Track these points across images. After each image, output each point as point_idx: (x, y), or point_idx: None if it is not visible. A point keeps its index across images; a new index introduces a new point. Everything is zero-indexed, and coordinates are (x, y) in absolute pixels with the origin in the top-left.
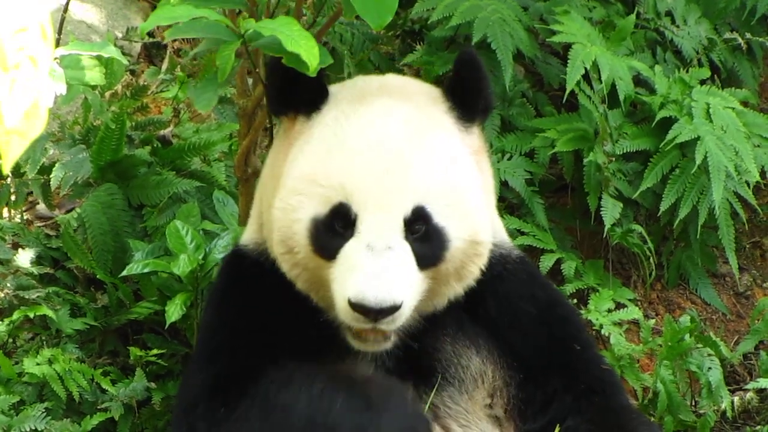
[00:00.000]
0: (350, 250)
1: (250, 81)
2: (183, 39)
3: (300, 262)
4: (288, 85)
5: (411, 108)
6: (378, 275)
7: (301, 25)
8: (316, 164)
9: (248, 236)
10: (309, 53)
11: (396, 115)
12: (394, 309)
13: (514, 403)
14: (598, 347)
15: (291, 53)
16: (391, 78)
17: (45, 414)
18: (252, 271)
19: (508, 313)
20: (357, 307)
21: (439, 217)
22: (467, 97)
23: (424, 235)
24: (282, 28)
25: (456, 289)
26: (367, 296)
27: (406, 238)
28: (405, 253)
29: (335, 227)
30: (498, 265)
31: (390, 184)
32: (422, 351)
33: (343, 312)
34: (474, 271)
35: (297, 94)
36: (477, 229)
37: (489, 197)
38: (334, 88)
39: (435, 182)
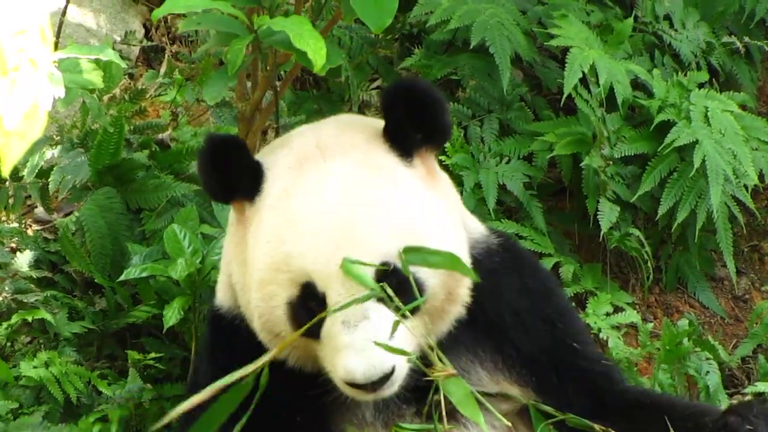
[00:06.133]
0: (328, 329)
1: (249, 84)
2: (181, 42)
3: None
4: (223, 175)
5: (350, 166)
6: (359, 351)
7: None
8: (273, 252)
9: (222, 299)
10: (316, 52)
11: (335, 181)
12: (386, 378)
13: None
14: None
15: (298, 50)
16: (328, 128)
17: (42, 418)
18: (230, 332)
19: (506, 311)
20: (351, 386)
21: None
22: (398, 132)
23: (397, 288)
24: (293, 26)
25: (453, 312)
26: (356, 376)
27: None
28: (382, 316)
29: (310, 307)
30: (486, 261)
31: (345, 256)
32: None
33: (342, 388)
34: (464, 292)
35: (234, 182)
36: (448, 253)
37: (453, 212)
38: (268, 160)
39: (391, 235)
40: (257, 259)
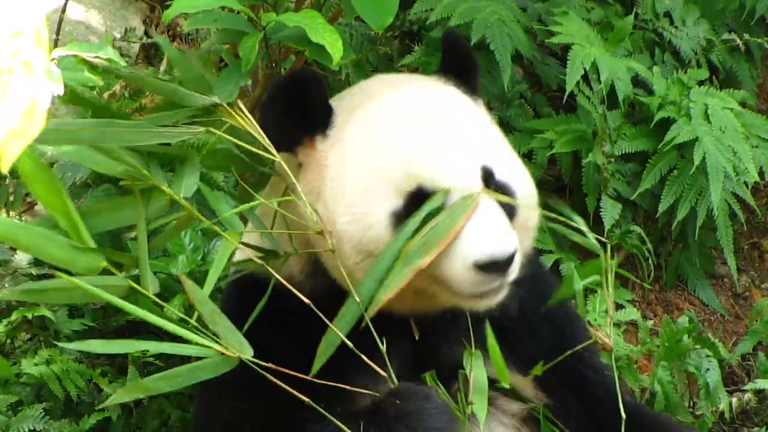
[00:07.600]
0: None
1: (249, 81)
2: (182, 40)
3: None
4: (296, 112)
5: (431, 88)
6: (493, 230)
7: None
8: (369, 167)
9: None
10: (333, 45)
11: (424, 95)
12: (512, 260)
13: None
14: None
15: (315, 45)
16: (384, 76)
17: (43, 414)
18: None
19: (515, 311)
20: (485, 266)
21: (500, 174)
22: (466, 73)
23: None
24: (306, 20)
25: (527, 243)
26: (495, 251)
27: None
28: (497, 206)
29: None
30: None
31: (456, 155)
32: (438, 361)
33: (463, 281)
34: (534, 224)
35: (308, 117)
36: (526, 179)
37: None
38: (332, 102)
39: (487, 142)
40: (346, 181)
